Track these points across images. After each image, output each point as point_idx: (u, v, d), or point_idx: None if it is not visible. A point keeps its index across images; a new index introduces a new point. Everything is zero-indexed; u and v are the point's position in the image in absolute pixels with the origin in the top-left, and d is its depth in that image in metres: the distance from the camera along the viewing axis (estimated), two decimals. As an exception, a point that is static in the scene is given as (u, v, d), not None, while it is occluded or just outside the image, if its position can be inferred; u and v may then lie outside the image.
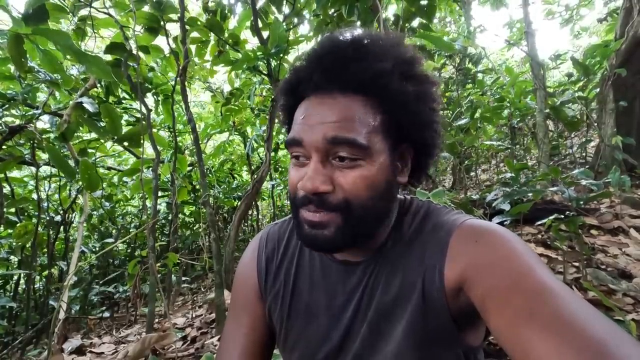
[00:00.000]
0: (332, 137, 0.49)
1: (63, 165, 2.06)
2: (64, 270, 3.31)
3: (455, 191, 4.51)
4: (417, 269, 0.55)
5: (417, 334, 0.52)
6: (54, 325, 1.89)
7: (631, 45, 3.46)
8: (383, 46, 0.54)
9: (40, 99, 2.55)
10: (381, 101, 0.52)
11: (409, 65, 0.54)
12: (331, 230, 0.52)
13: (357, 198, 0.51)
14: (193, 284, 4.44)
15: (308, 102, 0.54)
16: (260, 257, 0.70)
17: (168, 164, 2.61)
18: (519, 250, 0.48)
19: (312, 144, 0.51)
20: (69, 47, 1.42)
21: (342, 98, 0.51)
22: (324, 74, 0.52)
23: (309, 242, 0.54)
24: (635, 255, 1.93)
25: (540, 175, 1.96)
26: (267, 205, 6.54)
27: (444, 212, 0.60)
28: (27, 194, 3.56)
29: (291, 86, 0.57)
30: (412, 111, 0.53)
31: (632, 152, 3.18)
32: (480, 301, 0.47)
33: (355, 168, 0.51)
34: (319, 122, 0.51)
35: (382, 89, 0.51)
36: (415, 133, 0.55)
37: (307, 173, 0.51)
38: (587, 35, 8.96)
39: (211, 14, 2.54)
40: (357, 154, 0.50)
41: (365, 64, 0.51)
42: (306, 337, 0.62)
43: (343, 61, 0.52)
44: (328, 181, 0.51)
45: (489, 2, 5.44)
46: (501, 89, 4.10)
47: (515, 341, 0.40)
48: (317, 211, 0.52)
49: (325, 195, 0.51)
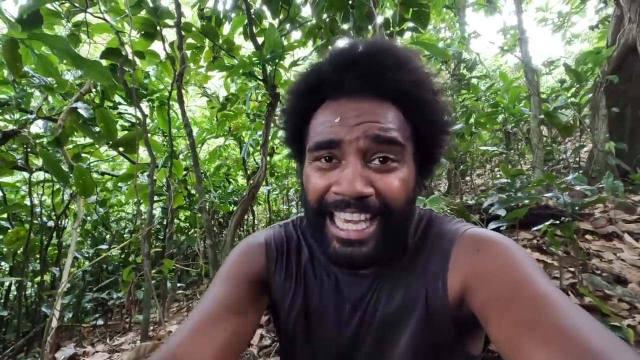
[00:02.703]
0: (376, 136, 0.49)
1: (57, 170, 2.04)
2: (56, 277, 3.26)
3: (451, 196, 4.53)
4: (421, 279, 0.55)
5: (421, 344, 0.52)
6: (46, 334, 1.85)
7: (622, 53, 3.52)
8: (413, 57, 0.55)
9: (34, 104, 2.53)
10: (411, 109, 0.53)
11: (433, 77, 0.56)
12: (371, 245, 0.50)
13: (395, 202, 0.50)
14: (188, 290, 4.39)
15: (338, 104, 0.53)
16: (270, 248, 0.66)
17: (163, 169, 2.59)
18: (520, 260, 0.48)
19: (352, 144, 0.49)
20: (66, 51, 1.41)
21: (377, 103, 0.52)
22: (360, 79, 0.52)
23: (344, 261, 0.51)
24: (630, 261, 1.95)
25: (536, 181, 1.98)
26: (262, 210, 6.51)
27: (445, 220, 0.60)
28: (19, 200, 3.51)
29: (310, 88, 0.56)
30: (436, 122, 0.55)
31: (624, 157, 3.22)
32: (480, 310, 0.47)
33: (393, 171, 0.50)
34: (359, 122, 0.50)
35: (415, 99, 0.52)
36: (433, 142, 0.56)
37: (343, 176, 0.49)
38: (579, 42, 9.10)
39: (206, 20, 2.55)
40: (396, 155, 0.50)
41: (403, 73, 0.52)
42: (312, 345, 0.61)
43: (381, 68, 0.51)
44: (369, 184, 0.50)
45: (483, 9, 5.50)
46: (495, 95, 4.14)
47: (514, 351, 0.40)
48: (355, 213, 0.49)
49: (367, 200, 0.49)
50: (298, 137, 0.60)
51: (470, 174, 5.30)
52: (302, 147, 0.59)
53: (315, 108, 0.56)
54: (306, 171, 0.55)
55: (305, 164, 0.56)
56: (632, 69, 3.54)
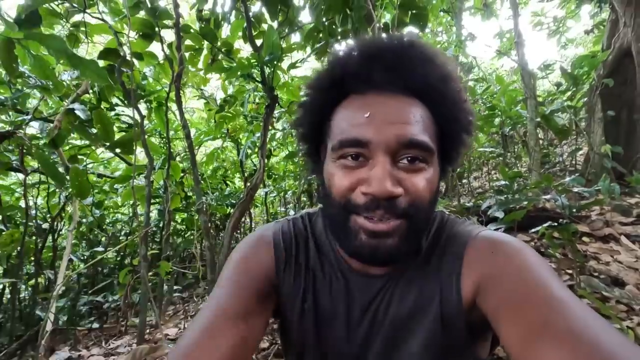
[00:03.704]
0: (408, 140, 0.47)
1: (53, 172, 2.03)
2: (51, 280, 3.22)
3: (448, 198, 4.54)
4: (434, 281, 0.54)
5: (434, 346, 0.52)
6: (40, 337, 1.83)
7: (618, 57, 3.56)
8: (439, 53, 0.53)
9: (31, 105, 2.51)
10: (437, 106, 0.51)
11: (457, 74, 0.54)
12: (395, 239, 0.49)
13: (422, 202, 0.49)
14: (184, 293, 4.36)
15: (364, 99, 0.51)
16: (279, 252, 0.63)
17: (161, 171, 2.58)
18: (533, 262, 0.48)
19: (382, 144, 0.47)
20: (63, 51, 1.40)
21: (405, 99, 0.50)
22: (388, 73, 0.50)
23: (369, 253, 0.49)
24: (627, 263, 1.96)
25: (534, 183, 1.99)
26: (259, 213, 6.49)
27: (457, 222, 0.60)
28: (14, 202, 3.48)
29: (334, 81, 0.53)
30: (459, 119, 0.53)
31: (620, 160, 3.25)
32: (493, 312, 0.46)
33: (421, 171, 0.49)
34: (388, 122, 0.48)
35: (442, 95, 0.51)
36: (455, 140, 0.55)
37: (372, 175, 0.47)
38: (574, 47, 9.20)
39: (204, 22, 2.54)
40: (425, 156, 0.49)
41: (431, 67, 0.50)
42: (321, 345, 0.60)
43: (410, 61, 0.50)
44: (398, 184, 0.48)
45: (479, 13, 5.55)
46: (492, 98, 4.17)
47: (527, 353, 0.40)
48: (384, 217, 0.48)
49: (396, 200, 0.48)
50: (317, 133, 0.57)
51: (468, 176, 5.31)
52: (319, 144, 0.58)
53: (338, 103, 0.54)
54: (329, 169, 0.53)
55: (327, 162, 0.54)
56: (627, 73, 3.58)
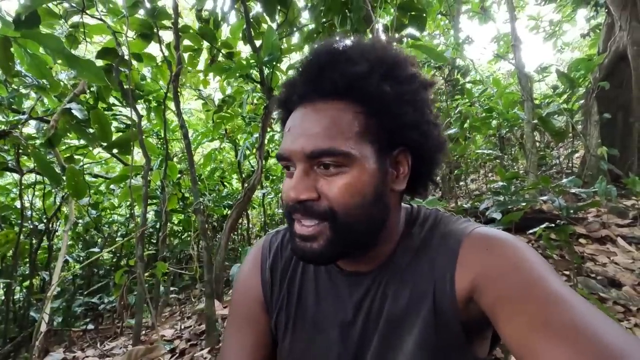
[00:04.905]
0: (311, 151, 0.50)
1: (49, 172, 2.01)
2: (46, 281, 3.20)
3: (445, 200, 4.55)
4: (428, 278, 0.54)
5: (429, 344, 0.51)
6: (35, 339, 1.81)
7: (613, 60, 3.60)
8: (360, 50, 0.53)
9: (27, 105, 2.49)
10: (361, 105, 0.51)
11: (390, 67, 0.53)
12: (320, 243, 0.51)
13: (342, 206, 0.50)
14: (181, 294, 4.34)
15: (294, 113, 0.55)
16: (264, 268, 0.68)
17: (158, 171, 2.57)
18: (531, 259, 0.47)
19: (297, 155, 0.51)
20: (60, 50, 1.39)
21: (323, 105, 0.52)
22: (305, 84, 0.54)
23: (300, 255, 0.54)
24: (624, 264, 1.97)
25: (531, 185, 2.00)
26: (257, 214, 6.47)
27: (452, 220, 0.59)
28: (9, 202, 3.45)
29: (282, 100, 0.59)
30: (394, 113, 0.51)
31: (616, 162, 3.27)
32: (491, 309, 0.46)
33: (339, 175, 0.50)
34: (300, 134, 0.51)
35: (360, 92, 0.51)
36: (401, 136, 0.53)
37: (285, 184, 0.54)
38: (570, 50, 9.28)
39: (204, 22, 2.54)
40: (340, 161, 0.50)
41: (339, 68, 0.51)
42: (314, 350, 0.60)
43: (318, 68, 0.53)
44: (311, 189, 0.51)
45: (477, 16, 5.58)
46: (489, 100, 4.19)
47: (527, 349, 0.40)
48: (304, 219, 0.52)
49: (310, 203, 0.51)
50: None
51: (465, 178, 5.33)
52: None
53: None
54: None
55: None
56: (622, 76, 3.61)
